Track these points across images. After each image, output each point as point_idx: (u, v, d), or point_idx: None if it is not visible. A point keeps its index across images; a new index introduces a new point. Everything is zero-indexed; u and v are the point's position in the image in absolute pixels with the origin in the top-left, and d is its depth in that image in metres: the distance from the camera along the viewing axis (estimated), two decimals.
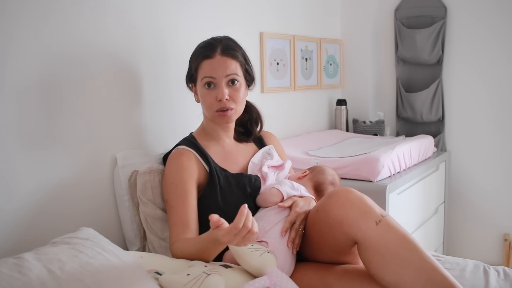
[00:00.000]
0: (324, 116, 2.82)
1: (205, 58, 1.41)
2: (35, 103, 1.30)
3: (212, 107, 1.42)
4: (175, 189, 1.37)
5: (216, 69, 1.40)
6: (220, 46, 1.42)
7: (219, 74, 1.40)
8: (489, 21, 2.59)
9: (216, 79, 1.40)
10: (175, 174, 1.39)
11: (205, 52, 1.42)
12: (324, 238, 1.26)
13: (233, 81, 1.42)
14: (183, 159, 1.41)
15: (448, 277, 1.10)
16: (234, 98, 1.42)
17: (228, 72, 1.40)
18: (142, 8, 1.60)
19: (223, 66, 1.40)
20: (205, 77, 1.41)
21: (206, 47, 1.44)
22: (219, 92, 1.40)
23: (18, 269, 0.89)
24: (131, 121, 1.58)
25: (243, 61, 1.46)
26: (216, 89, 1.41)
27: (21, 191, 1.28)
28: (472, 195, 2.75)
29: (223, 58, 1.41)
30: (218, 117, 1.44)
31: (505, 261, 2.67)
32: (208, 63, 1.41)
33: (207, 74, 1.40)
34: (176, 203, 1.36)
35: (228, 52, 1.42)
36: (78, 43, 1.40)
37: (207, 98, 1.42)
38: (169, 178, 1.40)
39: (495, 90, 2.62)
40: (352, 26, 2.89)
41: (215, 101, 1.41)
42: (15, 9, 1.24)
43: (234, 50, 1.44)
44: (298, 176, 1.54)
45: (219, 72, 1.40)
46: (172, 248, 1.31)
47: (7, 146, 1.25)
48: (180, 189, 1.37)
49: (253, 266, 1.16)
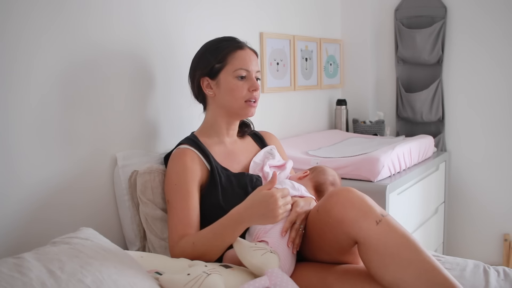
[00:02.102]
0: (324, 116, 2.82)
1: (238, 48, 1.45)
2: (36, 104, 1.30)
3: (244, 97, 1.45)
4: (177, 190, 1.37)
5: (249, 62, 1.45)
6: (244, 42, 1.49)
7: (252, 68, 1.45)
8: (489, 21, 2.59)
9: (250, 72, 1.45)
10: (177, 175, 1.39)
11: (236, 43, 1.47)
12: (325, 238, 1.26)
13: (257, 78, 1.48)
14: (186, 159, 1.40)
15: (448, 277, 1.10)
16: (258, 92, 1.48)
17: (257, 68, 1.48)
18: (149, 11, 1.60)
19: (254, 61, 1.47)
20: (241, 68, 1.43)
21: (231, 40, 1.49)
22: (254, 83, 1.44)
23: (18, 269, 0.89)
24: (131, 121, 1.58)
25: None
26: (248, 81, 1.45)
27: (20, 191, 1.28)
28: (472, 195, 2.75)
29: (251, 52, 1.48)
30: (246, 107, 1.46)
31: (505, 261, 2.67)
32: (242, 53, 1.45)
33: (244, 66, 1.44)
34: (178, 204, 1.36)
35: (252, 49, 1.50)
36: (83, 43, 1.40)
37: (240, 88, 1.44)
38: (171, 178, 1.40)
39: (495, 90, 2.62)
40: (352, 26, 2.89)
41: (247, 91, 1.44)
42: (25, 6, 1.24)
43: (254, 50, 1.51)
44: (299, 176, 1.54)
45: (252, 65, 1.46)
46: (177, 246, 1.30)
47: (8, 144, 1.25)
48: (183, 190, 1.37)
49: (255, 265, 1.16)
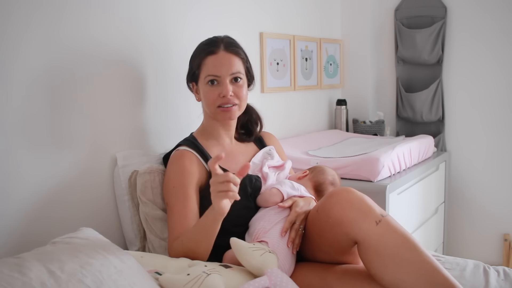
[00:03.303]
0: (324, 116, 2.82)
1: (209, 54, 1.42)
2: (36, 102, 1.30)
3: (214, 103, 1.42)
4: (175, 193, 1.37)
5: (220, 67, 1.40)
6: (223, 43, 1.44)
7: (223, 72, 1.40)
8: (489, 21, 2.59)
9: (220, 77, 1.41)
10: (176, 178, 1.39)
11: (209, 48, 1.43)
12: (324, 238, 1.26)
13: (236, 78, 1.43)
14: (184, 162, 1.40)
15: (448, 277, 1.10)
16: (238, 94, 1.43)
17: (232, 70, 1.41)
18: (147, 9, 1.60)
19: (227, 64, 1.41)
20: (209, 75, 1.41)
21: (209, 44, 1.45)
22: (223, 89, 1.40)
23: (18, 269, 0.89)
24: (131, 121, 1.58)
25: (245, 59, 1.48)
26: (220, 86, 1.41)
27: (21, 191, 1.28)
28: (472, 195, 2.75)
29: (227, 54, 1.42)
30: (220, 113, 1.43)
31: (505, 261, 2.67)
32: (212, 59, 1.41)
33: (211, 72, 1.41)
34: (176, 207, 1.36)
35: (231, 48, 1.44)
36: (81, 42, 1.40)
37: (209, 94, 1.42)
38: (170, 181, 1.40)
39: (495, 90, 2.62)
40: (352, 26, 2.88)
41: (218, 97, 1.41)
42: (23, 8, 1.24)
43: (237, 47, 1.46)
44: (298, 176, 1.54)
45: (223, 70, 1.40)
46: (172, 247, 1.31)
47: (8, 144, 1.25)
48: (181, 194, 1.36)
49: (254, 265, 1.16)
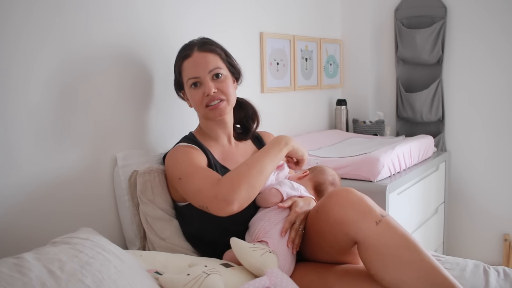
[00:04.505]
0: (324, 116, 2.82)
1: (184, 59, 1.44)
2: (36, 102, 1.30)
3: (201, 103, 1.43)
4: (187, 164, 1.34)
5: (196, 67, 1.42)
6: (196, 44, 1.46)
7: (201, 72, 1.42)
8: (490, 21, 2.59)
9: (200, 77, 1.42)
10: (183, 155, 1.37)
11: (183, 52, 1.46)
12: (324, 238, 1.26)
13: (217, 74, 1.43)
14: (187, 149, 1.40)
15: (448, 277, 1.10)
16: (222, 89, 1.43)
17: (210, 67, 1.42)
18: (147, 9, 1.60)
19: (203, 62, 1.42)
20: (190, 78, 1.43)
21: (184, 49, 1.48)
22: (205, 88, 1.41)
23: (18, 269, 0.89)
24: (131, 121, 1.58)
25: (223, 54, 1.48)
26: (202, 86, 1.42)
27: (20, 191, 1.28)
28: (472, 195, 2.75)
29: (201, 54, 1.43)
30: (209, 112, 1.44)
31: (505, 261, 2.67)
32: (188, 62, 1.43)
33: (190, 75, 1.43)
34: (194, 169, 1.31)
35: (204, 47, 1.45)
36: (82, 42, 1.40)
37: (195, 97, 1.43)
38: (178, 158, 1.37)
39: (495, 90, 2.62)
40: (352, 26, 2.89)
41: (203, 97, 1.42)
42: (25, 6, 1.24)
43: (211, 45, 1.47)
44: (298, 176, 1.54)
45: (200, 70, 1.42)
46: (219, 184, 1.23)
47: (8, 143, 1.25)
48: (194, 162, 1.34)
49: (254, 265, 1.16)
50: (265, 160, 1.30)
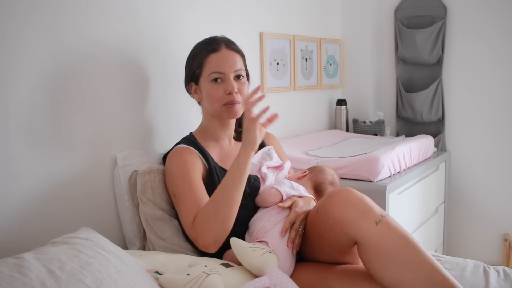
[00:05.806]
0: (324, 116, 2.82)
1: (211, 52, 1.43)
2: (36, 102, 1.30)
3: (220, 100, 1.42)
4: (182, 181, 1.36)
5: (224, 63, 1.41)
6: (223, 41, 1.45)
7: (227, 69, 1.41)
8: (490, 21, 2.59)
9: (224, 74, 1.41)
10: (179, 168, 1.38)
11: (210, 46, 1.44)
12: (324, 238, 1.26)
13: (239, 76, 1.44)
14: (185, 155, 1.40)
15: (448, 277, 1.10)
16: (241, 92, 1.44)
17: (236, 67, 1.43)
18: (147, 9, 1.60)
19: (230, 61, 1.42)
20: (214, 72, 1.41)
21: (209, 42, 1.46)
22: (229, 85, 1.40)
23: (18, 269, 0.89)
24: (132, 121, 1.58)
25: (244, 57, 1.50)
26: (224, 83, 1.41)
27: (20, 191, 1.28)
28: (472, 195, 2.75)
29: (229, 51, 1.44)
30: (225, 111, 1.43)
31: (505, 261, 2.67)
32: (215, 56, 1.42)
33: (215, 69, 1.41)
34: (185, 193, 1.34)
35: (232, 46, 1.46)
36: (81, 42, 1.40)
37: (214, 92, 1.42)
38: (173, 173, 1.39)
39: (495, 90, 2.62)
40: (352, 26, 2.89)
41: (223, 94, 1.41)
42: (26, 6, 1.24)
43: (236, 45, 1.48)
44: (298, 176, 1.54)
45: (227, 67, 1.41)
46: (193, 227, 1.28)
47: (8, 143, 1.25)
48: (187, 181, 1.35)
49: (254, 265, 1.16)
50: (228, 189, 1.27)
